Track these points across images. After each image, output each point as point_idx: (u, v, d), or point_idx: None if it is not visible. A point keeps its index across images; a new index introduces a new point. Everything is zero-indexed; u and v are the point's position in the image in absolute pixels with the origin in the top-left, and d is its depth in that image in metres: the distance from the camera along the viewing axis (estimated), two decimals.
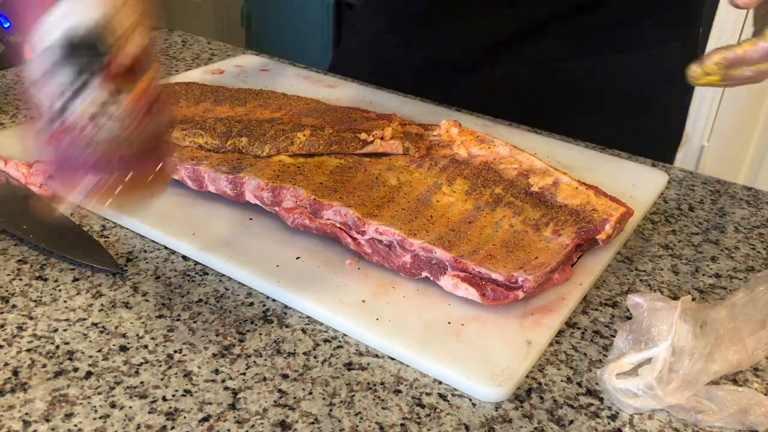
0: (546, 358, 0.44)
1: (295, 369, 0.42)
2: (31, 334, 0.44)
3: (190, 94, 0.68)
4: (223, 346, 0.43)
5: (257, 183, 0.53)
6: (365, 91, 0.79)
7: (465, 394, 0.41)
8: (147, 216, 0.54)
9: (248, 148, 0.57)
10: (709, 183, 0.67)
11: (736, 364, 0.43)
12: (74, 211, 0.56)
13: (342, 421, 0.39)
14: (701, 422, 0.40)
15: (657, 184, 0.63)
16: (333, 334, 0.45)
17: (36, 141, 0.39)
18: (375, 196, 0.52)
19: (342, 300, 0.47)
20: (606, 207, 0.52)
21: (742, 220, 0.61)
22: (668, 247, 0.56)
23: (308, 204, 0.52)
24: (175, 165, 0.56)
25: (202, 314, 0.46)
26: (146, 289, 0.48)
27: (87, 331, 0.44)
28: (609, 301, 0.50)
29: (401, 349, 0.43)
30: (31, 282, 0.48)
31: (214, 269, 0.50)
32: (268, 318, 0.46)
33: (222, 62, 0.86)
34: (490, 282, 0.45)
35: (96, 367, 0.41)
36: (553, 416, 0.40)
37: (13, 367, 0.41)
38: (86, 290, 0.47)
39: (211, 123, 0.60)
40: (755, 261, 0.56)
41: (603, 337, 0.46)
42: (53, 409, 0.38)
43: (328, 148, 0.57)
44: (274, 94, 0.69)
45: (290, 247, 0.52)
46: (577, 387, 0.42)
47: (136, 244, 0.53)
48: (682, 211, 0.62)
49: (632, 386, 0.40)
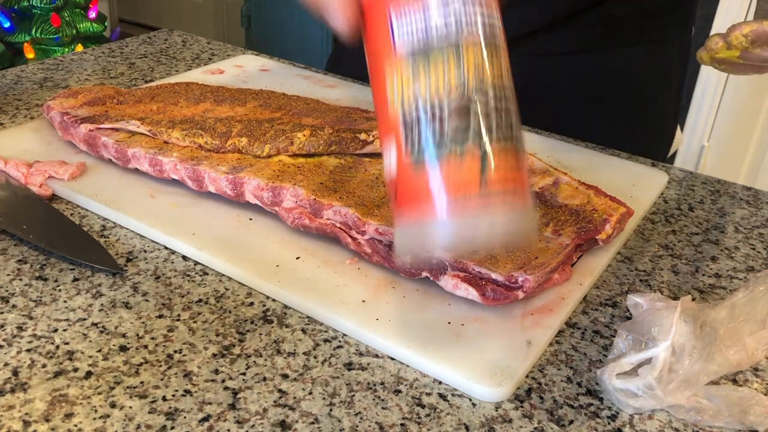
0: (546, 358, 0.44)
1: (295, 369, 0.42)
2: (31, 334, 0.44)
3: (190, 94, 0.68)
4: (223, 346, 0.43)
5: (257, 183, 0.53)
6: (365, 91, 0.78)
7: (465, 394, 0.41)
8: (147, 216, 0.54)
9: (248, 148, 0.57)
10: (709, 183, 0.67)
11: (736, 364, 0.43)
12: (74, 211, 0.56)
13: (342, 421, 0.39)
14: (701, 422, 0.40)
15: (657, 184, 0.63)
16: (333, 334, 0.45)
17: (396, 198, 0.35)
18: (375, 196, 0.52)
19: (342, 300, 0.47)
20: (606, 207, 0.52)
21: (742, 220, 0.61)
22: (668, 247, 0.56)
23: (308, 204, 0.52)
24: (175, 165, 0.56)
25: (202, 314, 0.46)
26: (146, 289, 0.48)
27: (87, 331, 0.44)
28: (609, 301, 0.50)
29: (401, 349, 0.43)
30: (31, 282, 0.48)
31: (214, 269, 0.50)
32: (268, 318, 0.46)
33: (222, 62, 0.86)
34: (490, 282, 0.45)
35: (96, 367, 0.41)
36: (553, 416, 0.40)
37: (13, 367, 0.41)
38: (86, 290, 0.47)
39: (211, 123, 0.60)
40: (755, 261, 0.56)
41: (603, 337, 0.46)
42: (53, 409, 0.38)
43: (327, 148, 0.57)
44: (274, 94, 0.69)
45: (290, 247, 0.52)
46: (577, 387, 0.42)
47: (136, 244, 0.53)
48: (682, 211, 0.62)
49: (632, 386, 0.40)
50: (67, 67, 0.86)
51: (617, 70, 0.77)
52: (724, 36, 0.46)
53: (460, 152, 0.33)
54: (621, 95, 0.78)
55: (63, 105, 0.65)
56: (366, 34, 0.36)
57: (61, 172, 0.58)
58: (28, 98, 0.76)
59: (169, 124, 0.60)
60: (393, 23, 0.34)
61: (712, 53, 0.47)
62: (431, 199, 0.34)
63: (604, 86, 0.77)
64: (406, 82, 0.34)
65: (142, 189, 0.58)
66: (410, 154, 0.34)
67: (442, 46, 0.33)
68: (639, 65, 0.77)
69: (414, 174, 0.34)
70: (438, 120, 0.33)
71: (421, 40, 0.34)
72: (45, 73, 0.83)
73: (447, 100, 0.33)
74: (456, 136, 0.33)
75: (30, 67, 0.85)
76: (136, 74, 0.84)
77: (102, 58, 0.89)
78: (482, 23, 0.34)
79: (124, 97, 0.67)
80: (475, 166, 0.33)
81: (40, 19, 2.41)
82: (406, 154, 0.35)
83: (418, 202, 0.35)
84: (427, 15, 0.34)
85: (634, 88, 0.78)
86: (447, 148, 0.33)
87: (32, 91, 0.78)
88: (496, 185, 0.34)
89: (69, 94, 0.67)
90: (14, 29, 2.43)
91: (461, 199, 0.33)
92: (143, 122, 0.60)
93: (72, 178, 0.58)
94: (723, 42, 0.46)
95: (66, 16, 2.46)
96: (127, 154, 0.58)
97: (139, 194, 0.57)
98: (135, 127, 0.60)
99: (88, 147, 0.61)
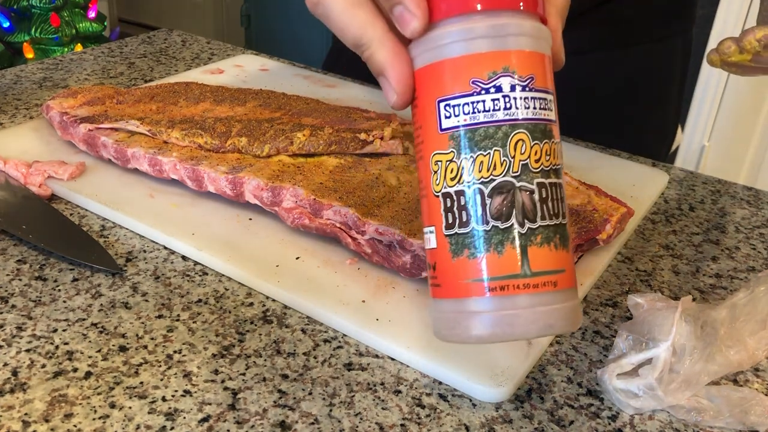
0: (546, 358, 0.44)
1: (294, 369, 0.42)
2: (31, 335, 0.43)
3: (189, 94, 0.68)
4: (223, 347, 0.43)
5: (257, 183, 0.53)
6: (365, 91, 0.78)
7: (465, 395, 0.41)
8: (146, 216, 0.54)
9: (248, 148, 0.57)
10: (709, 183, 0.67)
11: (737, 364, 0.42)
12: (74, 211, 0.56)
13: (342, 421, 0.39)
14: (702, 423, 0.40)
15: (657, 184, 0.63)
16: (333, 334, 0.45)
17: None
18: (375, 196, 0.52)
19: (342, 300, 0.46)
20: (606, 207, 0.52)
21: (743, 220, 0.61)
22: (669, 247, 0.56)
23: (308, 204, 0.51)
24: (174, 165, 0.56)
25: (202, 314, 0.46)
26: (146, 290, 0.48)
27: (86, 331, 0.44)
28: (609, 301, 0.50)
29: (401, 349, 0.43)
30: (30, 282, 0.48)
31: (214, 269, 0.50)
32: (268, 318, 0.46)
33: (222, 62, 0.86)
34: None
35: (95, 368, 0.41)
36: (554, 416, 0.40)
37: (12, 368, 0.41)
38: (86, 290, 0.47)
39: (210, 123, 0.60)
40: (756, 261, 0.56)
41: (603, 338, 0.46)
42: (53, 409, 0.38)
43: (327, 148, 0.57)
44: (274, 94, 0.69)
45: (290, 247, 0.51)
46: (577, 387, 0.42)
47: (136, 244, 0.53)
48: (683, 211, 0.62)
49: (633, 386, 0.40)
50: (66, 66, 0.86)
51: (618, 69, 0.77)
52: (737, 40, 0.46)
53: (502, 234, 0.33)
54: (622, 95, 0.78)
55: (62, 105, 0.65)
56: (414, 105, 0.37)
57: (60, 172, 0.58)
58: (28, 98, 0.76)
59: (169, 123, 0.60)
60: (440, 110, 0.34)
61: (725, 57, 0.47)
62: (468, 279, 0.34)
63: (604, 86, 0.77)
64: (449, 161, 0.34)
65: (142, 189, 0.58)
66: (450, 232, 0.34)
67: (489, 134, 0.34)
68: (640, 65, 0.77)
69: (452, 252, 0.34)
70: (480, 200, 0.33)
71: (467, 128, 0.34)
72: (44, 73, 0.83)
73: (490, 180, 0.33)
74: (498, 217, 0.33)
75: (29, 66, 0.85)
76: (135, 74, 0.84)
77: (101, 58, 0.89)
78: (533, 111, 0.34)
79: (123, 97, 0.67)
80: (516, 248, 0.33)
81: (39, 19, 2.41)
82: (447, 230, 0.35)
83: (456, 281, 0.34)
84: (475, 106, 0.34)
85: (635, 88, 0.78)
86: (489, 229, 0.33)
87: (31, 91, 0.78)
88: (537, 267, 0.33)
89: (68, 94, 0.67)
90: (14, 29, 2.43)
91: (500, 281, 0.33)
92: (143, 122, 0.60)
93: (71, 178, 0.58)
94: (736, 46, 0.47)
95: (65, 15, 2.46)
96: (127, 153, 0.58)
97: (139, 194, 0.57)
98: (134, 127, 0.60)
99: (88, 147, 0.61)
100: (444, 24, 0.34)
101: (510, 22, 0.34)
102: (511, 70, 0.33)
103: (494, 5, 0.34)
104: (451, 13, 0.34)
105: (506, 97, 0.33)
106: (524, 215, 0.33)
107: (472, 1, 0.34)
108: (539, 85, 0.34)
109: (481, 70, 0.33)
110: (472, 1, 0.34)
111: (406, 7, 0.34)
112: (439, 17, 0.34)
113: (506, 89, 0.33)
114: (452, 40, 0.34)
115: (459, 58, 0.34)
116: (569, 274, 0.35)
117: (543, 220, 0.34)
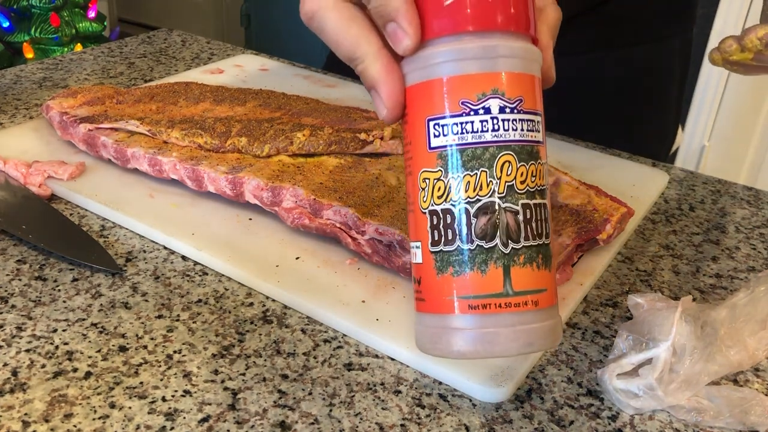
0: (546, 358, 0.44)
1: (294, 369, 0.42)
2: (30, 335, 0.43)
3: (189, 94, 0.68)
4: (223, 347, 0.43)
5: (257, 183, 0.53)
6: (365, 91, 0.78)
7: (465, 395, 0.41)
8: (146, 216, 0.54)
9: (248, 148, 0.57)
10: (709, 183, 0.67)
11: (737, 364, 0.42)
12: (73, 211, 0.56)
13: (342, 421, 0.39)
14: (702, 423, 0.40)
15: (657, 184, 0.63)
16: (333, 334, 0.45)
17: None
18: (375, 196, 0.52)
19: (342, 300, 0.46)
20: (607, 207, 0.52)
21: (743, 220, 0.61)
22: (669, 247, 0.56)
23: (308, 204, 0.51)
24: (174, 165, 0.56)
25: (202, 314, 0.46)
26: (145, 290, 0.48)
27: (86, 331, 0.44)
28: (609, 302, 0.50)
29: (401, 350, 0.43)
30: (30, 282, 0.48)
31: (214, 269, 0.50)
32: (268, 318, 0.46)
33: (221, 62, 0.86)
34: None
35: (95, 368, 0.41)
36: (554, 417, 0.40)
37: (12, 368, 0.41)
38: (85, 290, 0.47)
39: (210, 123, 0.60)
40: (756, 261, 0.56)
41: (603, 338, 0.46)
42: (52, 409, 0.38)
43: (327, 148, 0.57)
44: (274, 94, 0.69)
45: (290, 247, 0.51)
46: (577, 387, 0.42)
47: (136, 244, 0.52)
48: (683, 211, 0.62)
49: (633, 387, 0.40)
50: (66, 66, 0.86)
51: (619, 69, 0.77)
52: (739, 38, 0.46)
53: (486, 254, 0.34)
54: (622, 95, 0.78)
55: (62, 105, 0.65)
56: (405, 121, 0.37)
57: (60, 172, 0.58)
58: (28, 98, 0.76)
59: (169, 123, 0.60)
60: (430, 128, 0.35)
61: (726, 55, 0.47)
62: (452, 296, 0.34)
63: (605, 85, 0.77)
64: (437, 179, 0.34)
65: (142, 189, 0.58)
66: (436, 249, 0.35)
67: (476, 154, 0.34)
68: (640, 64, 0.77)
69: (437, 269, 0.35)
70: (466, 219, 0.34)
71: (456, 148, 0.34)
72: (44, 73, 0.83)
73: (476, 200, 0.34)
74: (483, 236, 0.34)
75: (29, 66, 0.85)
76: (135, 74, 0.84)
77: (101, 58, 0.89)
78: (521, 132, 0.34)
79: (123, 97, 0.67)
80: (499, 268, 0.34)
81: (39, 19, 2.41)
82: (433, 247, 0.35)
83: (440, 297, 0.35)
84: (463, 126, 0.34)
85: (635, 88, 0.78)
86: (473, 248, 0.34)
87: (31, 91, 0.78)
88: (520, 287, 0.34)
89: (68, 94, 0.67)
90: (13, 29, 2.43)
91: (483, 300, 0.34)
92: (142, 122, 0.60)
93: (71, 178, 0.58)
94: (737, 44, 0.46)
95: (65, 15, 2.46)
96: (127, 153, 0.58)
97: (139, 194, 0.57)
98: (134, 127, 0.60)
99: (88, 147, 0.61)
100: (435, 43, 0.34)
101: (500, 43, 0.34)
102: (500, 91, 0.34)
103: (485, 26, 0.34)
104: (443, 33, 0.34)
105: (494, 118, 0.34)
106: (508, 236, 0.34)
107: (464, 22, 0.34)
108: (528, 107, 0.35)
109: (471, 91, 0.34)
110: (463, 22, 0.34)
111: (399, 25, 0.34)
112: (431, 36, 0.34)
113: (495, 111, 0.34)
114: (443, 60, 0.34)
115: (449, 79, 0.34)
116: (551, 293, 0.35)
117: (526, 241, 0.34)
